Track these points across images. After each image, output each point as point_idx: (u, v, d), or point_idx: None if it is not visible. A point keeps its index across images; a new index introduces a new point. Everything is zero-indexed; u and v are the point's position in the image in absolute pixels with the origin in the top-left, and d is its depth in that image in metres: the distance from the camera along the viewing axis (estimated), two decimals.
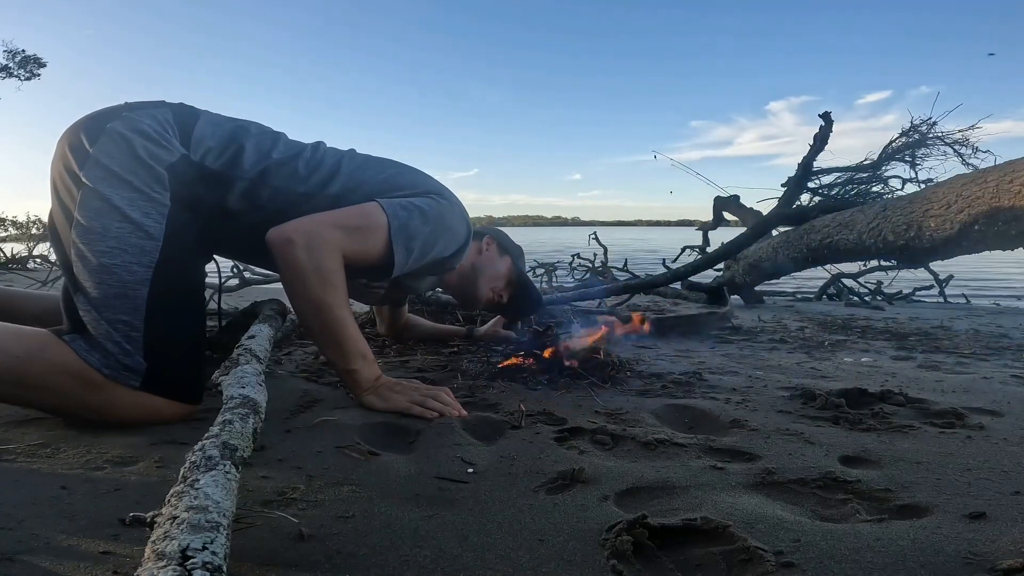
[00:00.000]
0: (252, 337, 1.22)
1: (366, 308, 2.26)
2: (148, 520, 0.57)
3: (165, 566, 0.46)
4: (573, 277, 5.66)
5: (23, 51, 15.07)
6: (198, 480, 0.60)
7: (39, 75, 15.49)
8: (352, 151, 1.44)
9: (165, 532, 0.51)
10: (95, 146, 1.13)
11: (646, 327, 1.63)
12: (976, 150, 3.60)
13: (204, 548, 0.49)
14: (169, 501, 0.57)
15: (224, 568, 0.49)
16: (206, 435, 0.73)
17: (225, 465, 0.65)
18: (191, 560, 0.47)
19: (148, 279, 1.10)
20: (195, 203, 1.20)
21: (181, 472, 0.64)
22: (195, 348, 1.18)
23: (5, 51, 14.83)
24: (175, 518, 0.53)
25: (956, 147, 3.66)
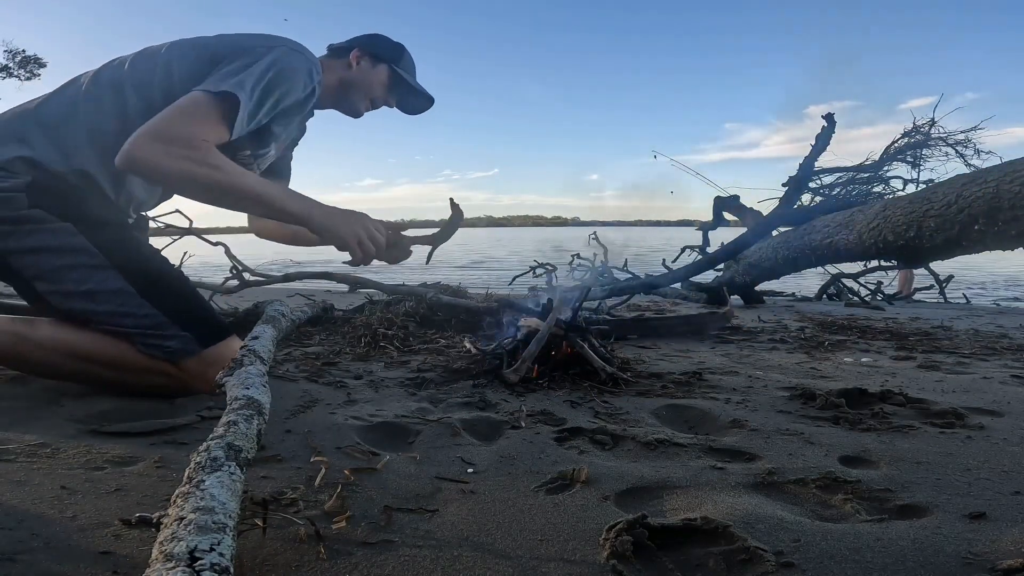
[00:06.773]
0: (256, 338, 1.22)
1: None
2: (154, 521, 0.57)
3: (174, 567, 0.46)
4: (573, 277, 5.67)
5: (23, 51, 15.09)
6: (204, 481, 0.60)
7: (39, 75, 15.51)
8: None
9: (172, 533, 0.51)
10: None
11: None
12: (979, 151, 3.59)
13: (212, 549, 0.49)
14: (175, 502, 0.57)
15: (231, 570, 0.49)
16: (211, 436, 0.73)
17: (230, 466, 0.65)
18: (199, 561, 0.47)
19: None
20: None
21: (187, 473, 0.64)
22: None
23: (5, 51, 14.85)
24: (182, 519, 0.53)
25: (958, 147, 3.65)
